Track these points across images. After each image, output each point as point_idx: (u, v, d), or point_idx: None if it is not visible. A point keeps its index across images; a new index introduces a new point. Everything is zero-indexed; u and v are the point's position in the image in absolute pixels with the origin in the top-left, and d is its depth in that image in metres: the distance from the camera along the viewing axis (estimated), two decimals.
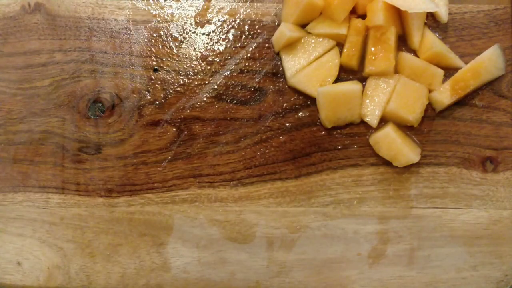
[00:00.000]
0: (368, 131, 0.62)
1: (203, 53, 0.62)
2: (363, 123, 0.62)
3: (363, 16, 0.61)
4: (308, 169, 0.62)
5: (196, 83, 0.62)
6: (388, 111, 0.60)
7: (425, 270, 0.61)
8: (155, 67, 0.62)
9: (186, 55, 0.63)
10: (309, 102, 0.62)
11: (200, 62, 0.62)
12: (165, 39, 0.63)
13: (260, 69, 0.62)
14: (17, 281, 0.59)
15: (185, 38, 0.63)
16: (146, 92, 0.62)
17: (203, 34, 0.63)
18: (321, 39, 0.61)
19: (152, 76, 0.62)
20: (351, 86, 0.60)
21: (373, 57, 0.60)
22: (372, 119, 0.60)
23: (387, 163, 0.61)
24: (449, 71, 0.62)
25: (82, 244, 0.60)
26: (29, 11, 0.61)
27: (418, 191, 0.62)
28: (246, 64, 0.62)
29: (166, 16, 0.63)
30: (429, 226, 0.61)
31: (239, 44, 0.62)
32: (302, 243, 0.61)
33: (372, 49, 0.60)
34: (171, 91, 0.62)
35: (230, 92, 0.62)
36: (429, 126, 0.62)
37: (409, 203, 0.61)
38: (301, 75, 0.61)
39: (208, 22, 0.63)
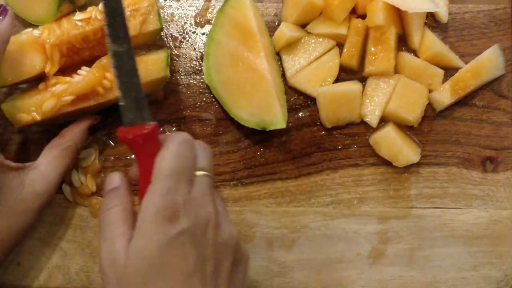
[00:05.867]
0: (368, 131, 0.62)
1: (203, 53, 0.62)
2: (363, 123, 0.62)
3: (363, 16, 0.61)
4: (308, 169, 0.62)
5: (196, 83, 0.62)
6: (388, 111, 0.60)
7: (425, 270, 0.61)
8: None
9: (186, 55, 0.62)
10: (309, 102, 0.62)
11: (200, 62, 0.62)
12: (165, 39, 0.63)
13: None
14: (17, 281, 0.59)
15: (185, 38, 0.63)
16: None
17: (203, 34, 0.63)
18: (321, 39, 0.61)
19: None
20: (351, 86, 0.60)
21: (373, 57, 0.60)
22: (372, 119, 0.60)
23: (387, 163, 0.61)
24: (449, 71, 0.62)
25: (82, 244, 0.60)
26: None
27: (418, 191, 0.62)
28: None
29: (166, 16, 0.63)
30: (429, 226, 0.61)
31: None
32: (302, 243, 0.61)
33: (372, 49, 0.60)
34: (171, 91, 0.62)
35: None
36: (429, 126, 0.62)
37: (409, 203, 0.61)
38: (301, 75, 0.61)
39: (208, 22, 0.63)
